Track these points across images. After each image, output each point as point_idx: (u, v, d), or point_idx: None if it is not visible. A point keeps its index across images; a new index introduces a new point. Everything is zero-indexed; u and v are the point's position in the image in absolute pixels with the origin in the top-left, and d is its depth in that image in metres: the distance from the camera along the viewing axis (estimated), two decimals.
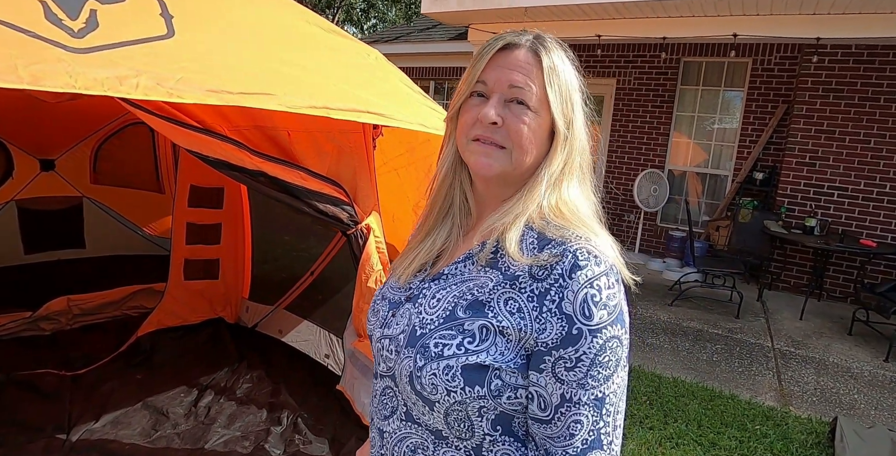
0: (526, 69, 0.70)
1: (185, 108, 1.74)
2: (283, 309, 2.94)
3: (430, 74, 8.31)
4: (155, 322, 2.91)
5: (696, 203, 6.23)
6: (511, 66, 0.70)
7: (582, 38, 5.67)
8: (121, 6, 1.55)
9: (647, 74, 6.18)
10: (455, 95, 0.75)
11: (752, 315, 4.57)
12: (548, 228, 0.68)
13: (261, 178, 1.72)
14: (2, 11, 1.29)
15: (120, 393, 2.42)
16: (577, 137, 0.72)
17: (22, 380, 2.46)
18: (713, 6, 4.76)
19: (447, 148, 0.79)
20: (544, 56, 0.70)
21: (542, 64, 0.70)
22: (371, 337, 0.80)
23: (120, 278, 3.45)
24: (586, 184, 0.75)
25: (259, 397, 2.43)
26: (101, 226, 4.04)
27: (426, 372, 0.65)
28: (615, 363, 0.63)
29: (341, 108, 1.56)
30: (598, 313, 0.62)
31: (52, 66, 1.21)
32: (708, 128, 6.12)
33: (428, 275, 0.77)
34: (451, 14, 5.94)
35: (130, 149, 4.05)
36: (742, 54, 5.59)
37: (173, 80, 1.34)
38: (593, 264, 0.63)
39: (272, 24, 1.88)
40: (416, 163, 2.33)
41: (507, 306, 0.66)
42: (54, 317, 3.04)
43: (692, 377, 3.36)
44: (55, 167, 3.85)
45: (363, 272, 1.81)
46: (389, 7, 20.05)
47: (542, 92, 0.70)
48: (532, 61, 0.70)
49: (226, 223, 3.12)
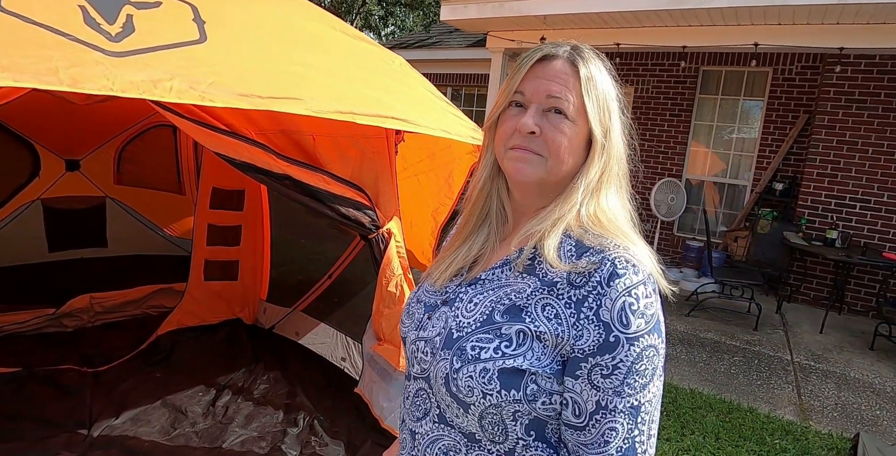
0: (563, 79, 0.71)
1: (214, 112, 1.77)
2: (300, 311, 2.96)
3: (447, 81, 8.35)
4: (174, 321, 2.95)
5: (713, 213, 6.17)
6: (549, 76, 0.71)
7: (600, 47, 5.64)
8: (155, 11, 1.59)
9: (665, 83, 6.16)
10: (493, 106, 0.77)
11: (771, 327, 4.50)
12: (586, 235, 0.69)
13: (286, 181, 1.74)
14: (44, 15, 1.33)
15: (140, 391, 2.46)
16: (614, 146, 0.73)
17: (44, 375, 2.50)
18: (734, 15, 4.74)
19: (485, 157, 0.81)
20: (581, 66, 0.72)
21: (579, 74, 0.71)
22: (405, 339, 0.81)
23: (140, 278, 3.51)
24: (623, 192, 0.75)
25: (275, 398, 2.45)
26: (123, 226, 4.11)
27: (462, 374, 0.66)
28: (651, 372, 0.63)
29: (366, 114, 1.58)
30: (636, 322, 0.62)
31: (91, 69, 1.25)
32: (726, 137, 6.07)
33: (464, 279, 0.78)
34: (470, 21, 5.98)
35: (153, 151, 4.12)
36: (763, 64, 5.56)
37: (205, 83, 1.37)
38: (631, 273, 0.64)
39: (300, 30, 1.91)
40: (436, 169, 2.35)
41: (544, 312, 0.66)
42: (77, 314, 3.09)
43: (709, 389, 3.32)
44: (80, 167, 3.93)
45: (384, 276, 1.82)
46: (407, 14, 20.22)
47: (580, 101, 0.71)
48: (569, 71, 0.71)
49: (246, 225, 3.16)
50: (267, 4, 1.98)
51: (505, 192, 0.80)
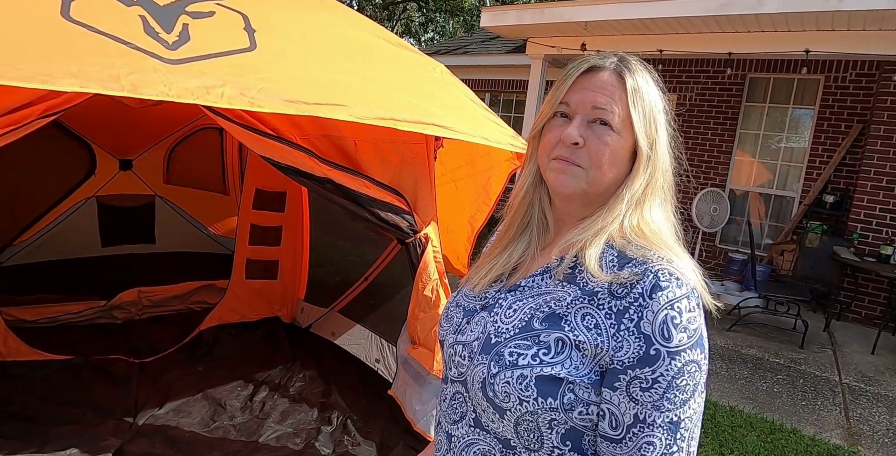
0: (609, 91, 0.71)
1: (261, 117, 1.83)
2: (337, 312, 3.02)
3: (486, 86, 8.36)
4: (216, 317, 3.05)
5: (758, 225, 5.97)
6: (595, 87, 0.72)
7: (642, 53, 5.52)
8: (209, 21, 1.67)
9: (709, 90, 6.01)
10: (538, 116, 0.77)
11: (818, 346, 4.32)
12: (629, 247, 0.69)
13: (328, 184, 1.79)
14: (108, 25, 1.41)
15: (182, 382, 2.55)
16: (660, 158, 0.73)
17: (96, 364, 2.63)
18: (784, 22, 4.59)
19: (528, 166, 0.81)
20: (628, 77, 0.72)
21: (625, 85, 0.71)
22: (442, 342, 0.82)
23: (185, 274, 3.64)
24: (668, 204, 0.75)
25: (311, 396, 2.50)
26: (170, 223, 4.29)
27: (500, 379, 0.66)
28: (692, 388, 0.62)
29: (407, 120, 1.61)
30: (678, 336, 0.62)
31: (150, 75, 1.32)
32: (773, 146, 5.87)
33: (504, 286, 0.78)
34: (510, 28, 5.98)
35: (200, 152, 4.28)
36: (814, 71, 5.36)
37: (255, 90, 1.42)
38: (675, 286, 0.63)
39: (344, 38, 1.96)
40: (474, 175, 2.36)
41: (584, 321, 0.66)
42: (126, 307, 3.24)
43: (751, 407, 3.20)
44: (132, 167, 4.12)
45: (420, 281, 1.84)
46: (447, 20, 20.37)
47: (626, 113, 0.71)
48: (616, 83, 0.72)
49: (286, 226, 3.24)
50: (313, 13, 2.04)
51: (547, 200, 0.80)
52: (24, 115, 1.54)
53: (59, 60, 1.24)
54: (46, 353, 2.59)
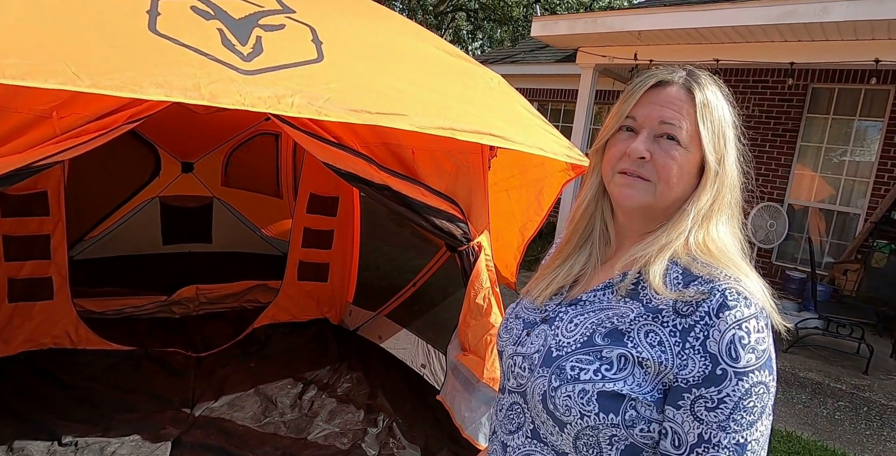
0: (678, 106, 0.71)
1: (324, 125, 1.90)
2: (384, 316, 3.07)
3: (535, 95, 8.35)
4: (269, 316, 3.15)
5: (819, 242, 5.70)
6: (663, 102, 0.71)
7: (697, 63, 5.42)
8: (280, 33, 1.75)
9: (768, 101, 5.81)
10: (602, 129, 0.77)
11: (885, 373, 4.07)
12: (694, 264, 0.68)
13: (385, 191, 1.83)
14: (189, 38, 1.50)
15: (236, 377, 2.65)
16: (728, 174, 0.72)
17: (156, 356, 2.76)
18: (852, 30, 4.40)
19: (591, 179, 0.81)
20: (697, 92, 0.71)
21: (694, 100, 0.71)
22: (502, 353, 0.82)
23: (239, 273, 3.78)
24: (735, 221, 0.74)
25: (357, 398, 2.55)
26: (226, 224, 4.47)
27: (561, 393, 0.66)
28: (760, 410, 0.61)
29: (465, 130, 1.63)
30: (746, 356, 0.60)
31: (227, 85, 1.39)
32: (836, 160, 5.61)
33: (565, 299, 0.78)
34: (561, 37, 5.96)
35: (256, 157, 4.45)
36: (884, 81, 5.10)
37: (322, 99, 1.49)
38: (743, 306, 0.62)
39: (406, 50, 2.02)
40: (526, 185, 2.37)
41: (647, 338, 0.66)
42: (184, 302, 3.39)
43: (809, 434, 3.05)
44: (193, 170, 4.33)
45: (472, 288, 1.86)
46: (496, 29, 20.44)
47: (694, 128, 0.70)
48: (685, 98, 0.71)
49: (338, 230, 3.33)
50: (376, 24, 2.11)
51: (609, 214, 0.80)
52: (111, 121, 1.65)
53: (146, 71, 1.34)
54: (112, 343, 2.75)
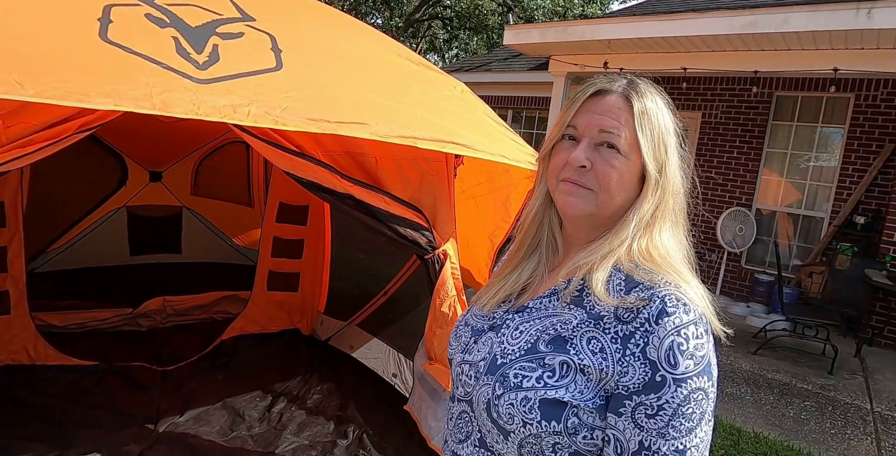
0: (616, 114, 0.72)
1: (285, 134, 1.88)
2: (356, 325, 3.04)
3: (508, 103, 8.42)
4: (238, 328, 3.10)
5: (786, 246, 5.84)
6: (601, 111, 0.72)
7: (666, 71, 5.57)
8: (238, 41, 1.73)
9: (735, 108, 5.95)
10: (547, 137, 0.78)
11: (849, 372, 4.17)
12: (636, 270, 0.69)
13: (348, 200, 1.82)
14: (142, 46, 1.48)
15: (203, 391, 2.60)
16: (670, 181, 0.73)
17: (120, 370, 2.69)
18: (812, 40, 4.54)
19: (539, 187, 0.82)
20: (635, 101, 0.72)
21: (633, 109, 0.71)
22: (451, 361, 0.83)
23: (209, 284, 3.72)
24: (679, 228, 0.74)
25: (328, 409, 2.52)
26: (196, 234, 4.39)
27: (504, 401, 0.67)
28: (699, 416, 0.61)
29: (427, 138, 1.63)
30: (685, 363, 0.61)
31: (180, 94, 1.37)
32: (802, 165, 5.76)
33: (512, 306, 0.79)
34: (533, 45, 6.03)
35: (227, 165, 4.40)
36: (843, 89, 5.27)
37: (279, 109, 1.47)
38: (682, 312, 0.63)
39: (367, 58, 2.02)
40: (494, 192, 2.37)
41: (589, 345, 0.66)
42: (151, 315, 3.32)
43: (777, 434, 3.10)
44: (162, 179, 4.25)
45: (438, 297, 1.85)
46: (471, 37, 20.62)
47: (633, 136, 0.71)
48: (623, 106, 0.72)
49: (308, 239, 3.29)
50: (338, 33, 2.10)
51: (557, 222, 0.81)
52: (61, 130, 1.61)
53: (95, 80, 1.30)
54: (74, 358, 2.67)
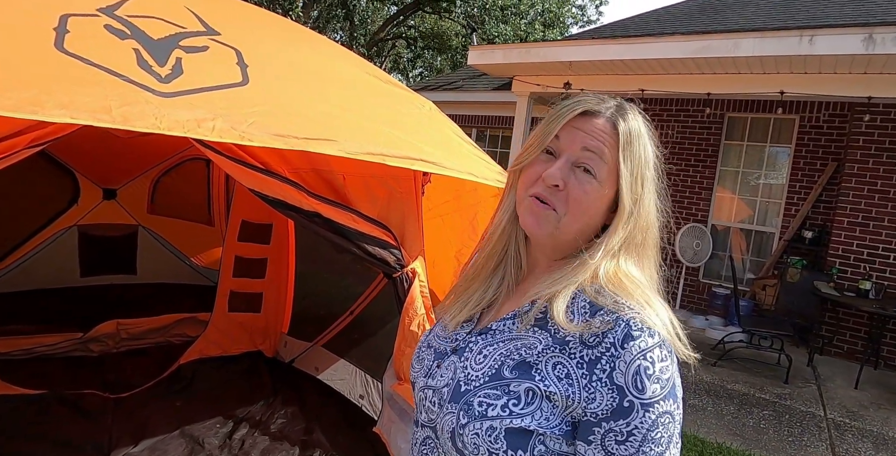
0: (603, 138, 0.69)
1: (251, 150, 1.85)
2: (321, 346, 2.96)
3: (473, 122, 8.53)
4: (197, 351, 2.97)
5: (740, 260, 6.06)
6: (588, 130, 0.70)
7: (624, 92, 5.77)
8: (203, 55, 1.69)
9: (690, 129, 6.20)
10: (523, 149, 0.75)
11: (803, 381, 4.32)
12: (601, 293, 0.67)
13: (315, 218, 1.79)
14: (101, 57, 1.43)
15: (159, 419, 2.46)
16: (642, 215, 0.70)
17: (68, 399, 2.53)
18: (760, 64, 4.80)
19: (507, 199, 0.79)
20: (622, 129, 0.69)
21: (618, 136, 0.69)
22: (414, 385, 0.80)
23: (166, 306, 3.57)
24: (650, 261, 0.72)
25: (292, 434, 2.43)
26: (153, 254, 4.23)
27: (469, 430, 0.64)
28: (668, 439, 0.61)
29: (396, 156, 1.63)
30: (651, 387, 0.60)
31: (141, 107, 1.32)
32: (753, 183, 6.03)
33: (475, 328, 0.76)
34: (496, 66, 6.16)
35: (186, 183, 4.27)
36: (789, 111, 5.57)
37: (245, 124, 1.44)
38: (647, 335, 0.62)
39: (336, 74, 2.01)
40: (461, 210, 2.38)
41: (555, 371, 0.64)
42: (103, 339, 3.15)
43: (738, 444, 3.17)
44: (117, 196, 4.09)
45: (406, 316, 1.83)
46: (435, 56, 20.93)
47: (614, 165, 0.69)
48: (610, 132, 0.69)
49: (272, 258, 3.21)
50: (306, 49, 2.09)
51: (523, 237, 0.78)
52: (10, 145, 1.53)
53: (50, 91, 1.25)
54: (17, 386, 2.50)
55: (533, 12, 16.49)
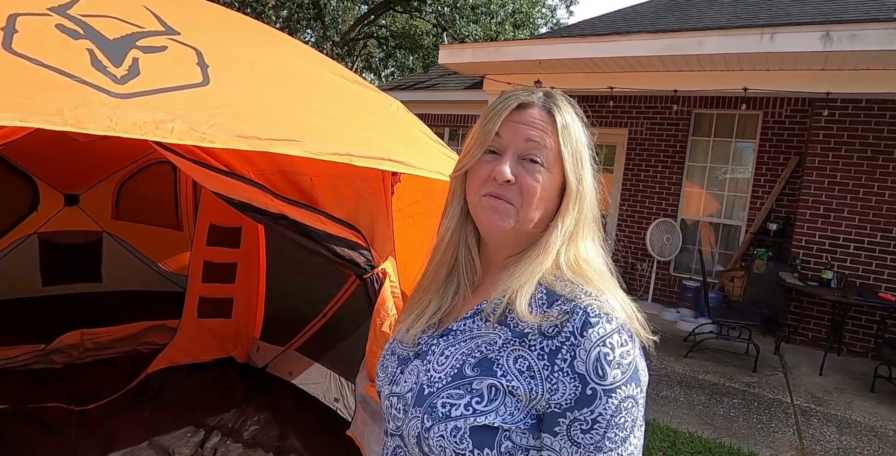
0: (541, 126, 0.71)
1: (214, 152, 1.80)
2: (294, 350, 2.92)
3: (445, 121, 8.53)
4: (166, 359, 2.90)
5: (709, 253, 6.20)
6: (526, 122, 0.71)
7: (594, 90, 5.84)
8: (161, 55, 1.65)
9: (658, 125, 6.31)
10: (463, 153, 0.75)
11: (770, 369, 4.45)
12: (557, 283, 0.68)
13: (282, 221, 1.76)
14: (52, 58, 1.38)
15: (126, 430, 2.39)
16: (587, 193, 0.73)
17: (30, 413, 2.44)
18: (723, 61, 4.91)
19: (452, 205, 0.78)
20: (557, 114, 0.71)
21: (556, 122, 0.71)
22: (380, 393, 0.79)
23: (134, 314, 3.48)
24: (597, 237, 0.74)
25: (266, 441, 2.39)
26: (118, 261, 4.11)
27: (434, 433, 0.64)
28: (631, 424, 0.61)
29: (363, 156, 1.61)
30: (612, 372, 0.61)
31: (96, 109, 1.28)
32: (720, 178, 6.17)
33: (437, 331, 0.76)
34: (467, 65, 6.17)
35: (152, 187, 4.17)
36: (753, 107, 5.71)
37: (206, 125, 1.40)
38: (605, 321, 0.62)
39: (300, 74, 1.98)
40: (431, 210, 2.36)
41: (516, 364, 0.64)
42: (67, 350, 3.05)
43: (709, 433, 3.24)
44: (79, 202, 3.97)
45: (378, 317, 1.81)
46: (407, 56, 20.87)
47: (556, 150, 0.70)
48: (546, 119, 0.71)
49: (241, 262, 3.15)
50: (269, 49, 2.05)
51: (474, 240, 0.78)
52: None
53: None
54: None
55: (503, 12, 16.57)
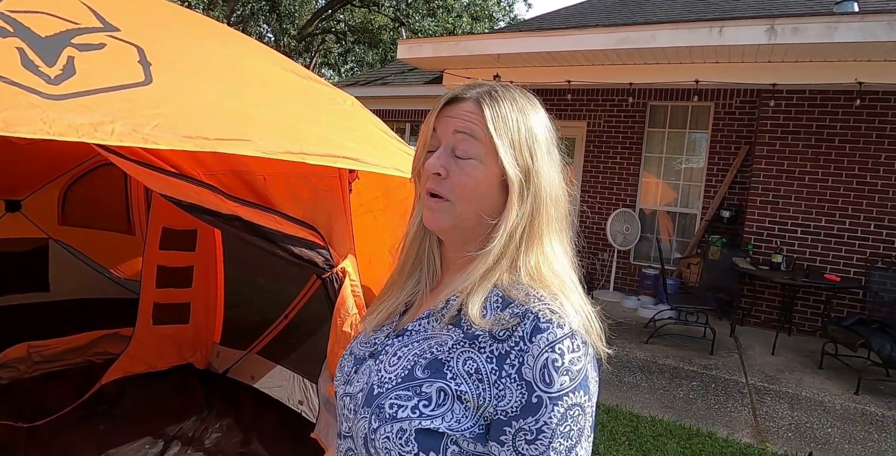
0: (470, 117, 0.69)
1: (161, 154, 1.74)
2: (256, 354, 2.86)
3: (406, 116, 8.48)
4: (120, 369, 2.79)
5: (667, 241, 6.38)
6: (456, 115, 0.70)
7: (553, 83, 5.90)
8: (99, 53, 1.57)
9: (615, 117, 6.43)
10: (415, 155, 0.75)
11: (726, 351, 4.62)
12: (513, 287, 0.66)
13: (235, 222, 1.71)
14: None
15: (79, 446, 2.29)
16: (543, 186, 0.68)
17: None
18: (675, 54, 5.04)
19: (416, 205, 0.79)
20: (487, 107, 0.69)
21: (485, 114, 0.68)
22: (336, 394, 0.77)
23: (85, 323, 3.33)
24: (564, 235, 0.72)
25: (229, 448, 2.33)
26: (67, 268, 3.93)
27: (380, 435, 0.62)
28: (577, 433, 0.60)
29: (317, 154, 1.58)
30: (560, 379, 0.59)
31: (26, 111, 1.21)
32: (676, 168, 6.35)
33: (393, 330, 0.75)
34: (426, 60, 6.14)
35: (101, 190, 3.99)
36: (705, 99, 5.89)
37: (149, 126, 1.34)
38: (555, 326, 0.61)
39: (249, 71, 1.92)
40: (392, 206, 2.35)
41: (465, 366, 0.63)
42: (12, 365, 2.89)
43: (670, 415, 3.34)
44: (21, 208, 3.77)
45: (338, 316, 1.79)
46: (366, 51, 20.62)
47: (488, 140, 0.68)
48: (476, 110, 0.69)
49: (198, 266, 3.06)
50: (216, 45, 1.99)
51: (435, 239, 0.78)
52: None
53: None
54: None
55: (458, 6, 16.52)
